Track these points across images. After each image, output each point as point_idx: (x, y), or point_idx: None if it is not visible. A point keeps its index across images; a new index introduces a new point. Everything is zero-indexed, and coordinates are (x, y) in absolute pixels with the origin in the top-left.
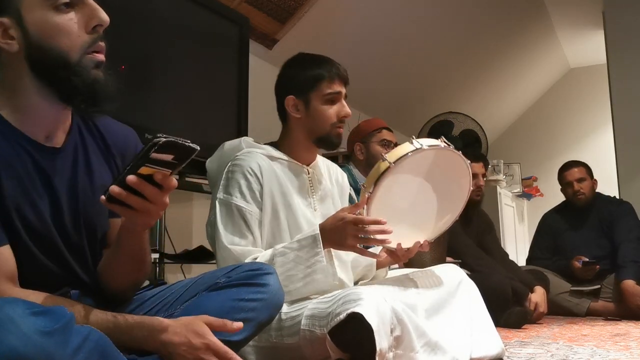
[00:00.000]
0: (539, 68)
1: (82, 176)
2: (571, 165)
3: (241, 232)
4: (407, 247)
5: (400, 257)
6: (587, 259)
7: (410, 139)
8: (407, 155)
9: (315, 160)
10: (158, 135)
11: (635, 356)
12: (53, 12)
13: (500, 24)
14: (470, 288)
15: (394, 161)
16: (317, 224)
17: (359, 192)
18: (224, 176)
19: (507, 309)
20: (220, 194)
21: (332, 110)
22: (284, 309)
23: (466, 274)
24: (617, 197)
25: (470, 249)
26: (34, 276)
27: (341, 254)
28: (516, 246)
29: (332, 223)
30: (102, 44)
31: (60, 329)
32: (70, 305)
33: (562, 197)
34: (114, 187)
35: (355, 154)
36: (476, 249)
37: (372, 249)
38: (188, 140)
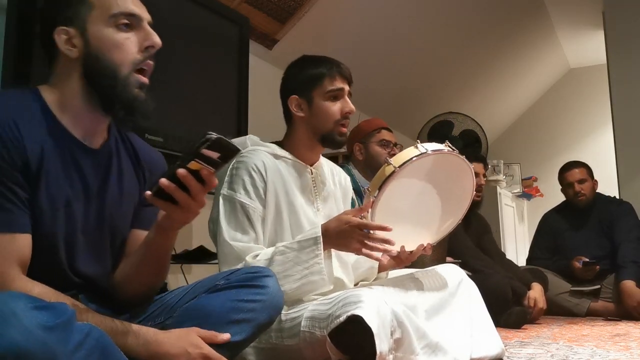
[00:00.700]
0: (539, 68)
1: (113, 180)
2: (572, 166)
3: (243, 228)
4: (410, 250)
5: (403, 260)
6: (587, 259)
7: (415, 144)
8: (411, 160)
9: (319, 161)
10: (209, 132)
11: (635, 356)
12: (114, 29)
13: (500, 24)
14: (470, 288)
15: (399, 165)
16: (319, 224)
17: (359, 193)
18: (228, 172)
19: (507, 309)
20: (224, 189)
21: (336, 107)
22: (284, 310)
23: (466, 274)
24: (617, 197)
25: (470, 249)
26: (45, 273)
27: (342, 254)
28: (516, 246)
29: (337, 226)
30: (151, 63)
31: (62, 324)
32: (70, 304)
33: (562, 197)
34: (163, 180)
35: (354, 154)
36: (476, 250)
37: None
38: (232, 142)
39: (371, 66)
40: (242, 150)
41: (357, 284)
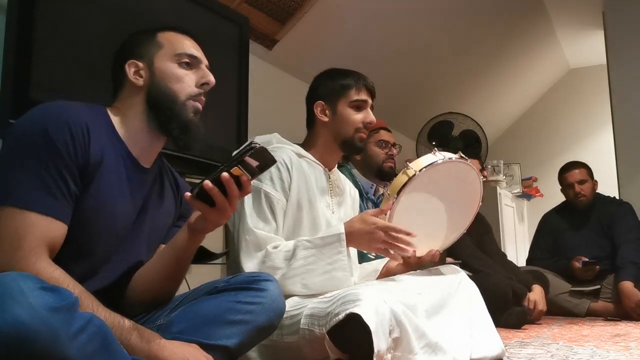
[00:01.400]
0: (539, 68)
1: (156, 196)
2: (572, 166)
3: (266, 217)
4: (419, 255)
5: (411, 264)
6: (587, 260)
7: (433, 151)
8: (432, 165)
9: (335, 168)
10: (254, 142)
11: (635, 356)
12: (176, 65)
13: (500, 24)
14: (470, 288)
15: (419, 170)
16: (335, 224)
17: (360, 193)
18: None
19: (507, 309)
20: None
21: (358, 117)
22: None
23: (467, 274)
24: (617, 197)
25: (471, 249)
26: (71, 267)
27: (350, 251)
28: (516, 246)
29: (361, 226)
30: (203, 98)
31: (66, 306)
32: (83, 293)
33: (562, 198)
34: (207, 182)
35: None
36: (476, 250)
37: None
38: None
39: (371, 66)
40: (276, 159)
41: None
